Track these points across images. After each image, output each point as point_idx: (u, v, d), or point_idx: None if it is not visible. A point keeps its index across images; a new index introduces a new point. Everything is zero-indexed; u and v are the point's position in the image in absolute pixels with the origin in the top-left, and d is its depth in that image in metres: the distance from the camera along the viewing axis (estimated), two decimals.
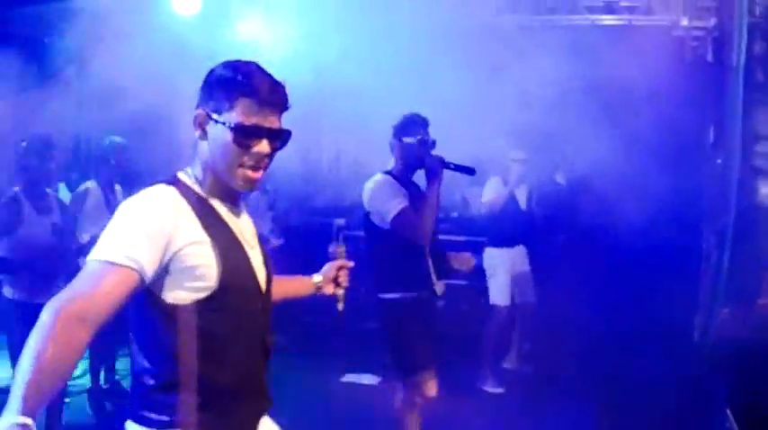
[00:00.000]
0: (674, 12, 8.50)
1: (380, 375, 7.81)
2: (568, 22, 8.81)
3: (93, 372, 6.85)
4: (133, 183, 6.68)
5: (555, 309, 7.86)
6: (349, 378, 7.75)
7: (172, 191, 2.44)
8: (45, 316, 2.15)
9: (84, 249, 5.82)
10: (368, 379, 7.78)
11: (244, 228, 2.61)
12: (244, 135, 2.41)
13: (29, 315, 5.34)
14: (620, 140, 6.90)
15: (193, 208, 2.42)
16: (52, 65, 8.12)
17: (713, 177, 7.20)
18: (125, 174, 6.75)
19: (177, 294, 2.38)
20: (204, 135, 2.47)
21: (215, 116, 2.43)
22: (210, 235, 2.41)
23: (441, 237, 9.05)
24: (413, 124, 5.03)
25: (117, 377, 7.18)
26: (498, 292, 7.76)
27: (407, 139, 4.99)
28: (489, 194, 7.75)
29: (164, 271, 2.34)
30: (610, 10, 8.73)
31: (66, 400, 6.73)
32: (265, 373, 2.69)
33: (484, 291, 8.04)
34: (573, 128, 7.58)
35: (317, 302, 2.85)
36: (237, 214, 2.61)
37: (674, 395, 5.46)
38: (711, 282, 6.79)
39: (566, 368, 7.43)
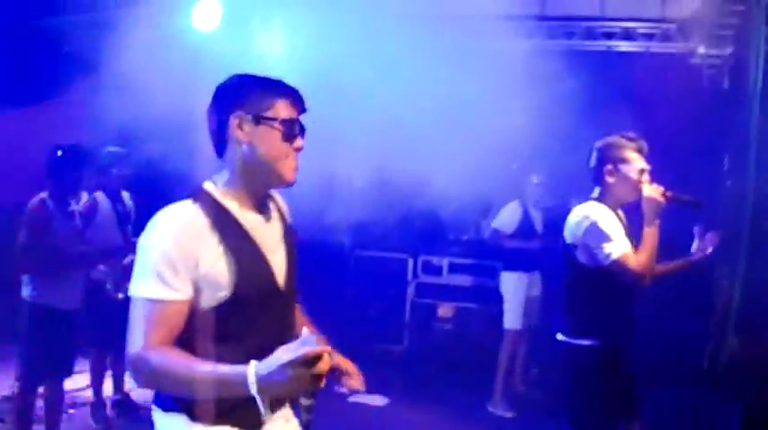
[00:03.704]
0: (691, 40, 8.48)
1: (389, 396, 7.80)
2: (584, 47, 8.80)
3: (95, 385, 6.86)
4: (138, 188, 6.91)
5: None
6: (357, 398, 7.70)
7: (192, 209, 2.57)
8: (140, 368, 2.46)
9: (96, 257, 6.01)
10: (376, 399, 7.74)
11: (267, 232, 2.73)
12: (290, 130, 2.63)
13: (43, 316, 5.46)
14: None
15: (213, 223, 2.55)
16: (71, 76, 8.18)
17: (727, 205, 7.17)
18: (129, 180, 6.84)
19: (197, 301, 2.53)
20: (241, 139, 2.60)
21: (259, 114, 2.59)
22: (228, 246, 2.54)
23: (454, 260, 9.20)
24: (626, 149, 4.47)
25: (126, 388, 7.14)
26: (513, 317, 7.73)
27: (624, 167, 4.43)
28: (503, 219, 7.76)
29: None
30: (627, 36, 8.69)
31: (71, 412, 6.75)
32: None
33: (491, 314, 8.04)
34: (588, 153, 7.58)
35: (325, 321, 2.82)
36: (262, 219, 2.73)
37: (685, 423, 5.40)
38: (722, 310, 6.75)
39: None
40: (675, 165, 7.31)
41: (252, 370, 2.30)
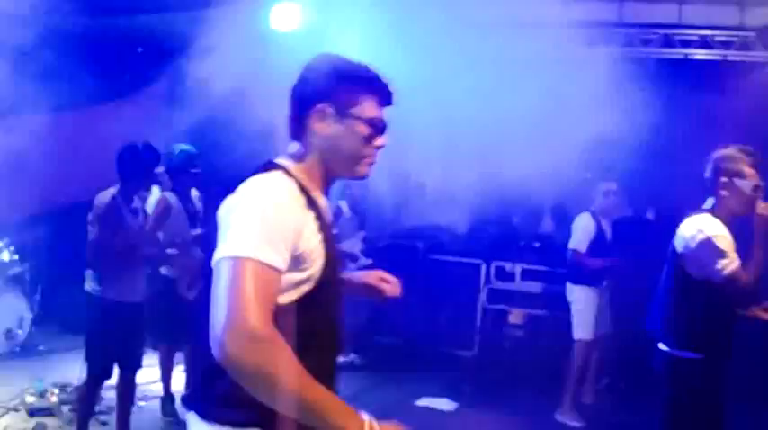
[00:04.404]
0: None
1: (457, 401, 7.83)
2: (661, 55, 8.74)
3: (165, 379, 6.98)
4: (208, 187, 6.86)
5: (634, 343, 7.78)
6: (425, 401, 7.74)
7: (289, 181, 2.41)
8: (257, 347, 2.08)
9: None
10: (444, 404, 7.78)
11: (329, 217, 2.61)
12: (374, 129, 2.52)
13: (105, 309, 5.60)
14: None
15: (308, 201, 2.41)
16: (145, 76, 8.37)
17: None
18: (200, 179, 6.85)
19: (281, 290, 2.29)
20: (320, 131, 2.50)
21: (344, 111, 2.49)
22: (320, 227, 2.42)
23: (527, 267, 9.19)
24: (742, 162, 4.39)
25: None
26: (583, 327, 7.65)
27: (740, 182, 4.35)
28: (579, 237, 7.64)
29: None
30: (704, 44, 8.62)
31: (141, 404, 6.89)
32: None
33: (563, 322, 8.00)
34: (664, 163, 7.53)
35: (396, 323, 2.86)
36: (327, 207, 2.62)
37: None
38: None
39: (646, 404, 7.34)
40: None
41: (371, 420, 2.21)
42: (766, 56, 8.41)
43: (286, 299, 2.30)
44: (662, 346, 4.50)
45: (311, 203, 2.43)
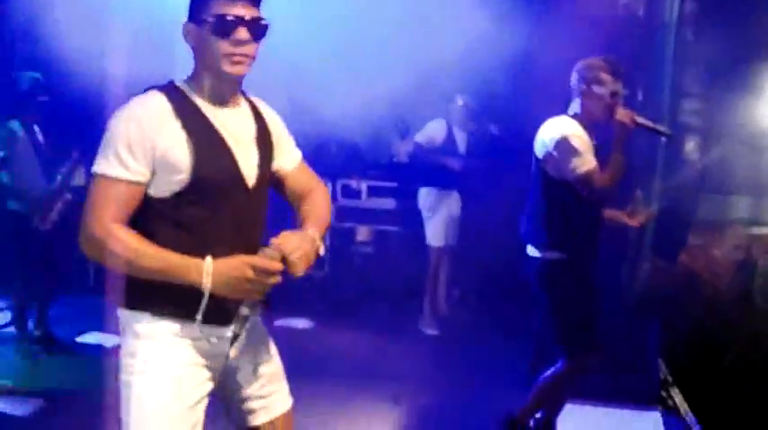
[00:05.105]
0: None
1: (313, 320, 7.97)
2: None
3: (20, 320, 6.73)
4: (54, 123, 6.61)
5: (484, 255, 8.01)
6: (282, 322, 7.81)
7: (158, 96, 2.69)
8: (102, 241, 2.56)
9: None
10: (302, 323, 7.92)
11: (234, 126, 2.80)
12: (222, 24, 2.63)
13: None
14: (551, 98, 7.02)
15: (177, 109, 2.67)
16: None
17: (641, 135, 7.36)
18: (46, 113, 6.55)
19: (157, 187, 2.65)
20: (191, 45, 2.74)
21: (198, 19, 2.67)
22: (189, 131, 2.65)
23: (373, 183, 9.28)
24: (601, 70, 4.57)
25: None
26: (434, 233, 7.91)
27: (598, 89, 4.53)
28: (428, 134, 7.84)
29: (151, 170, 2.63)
30: None
31: None
32: None
33: (412, 237, 8.19)
34: (506, 81, 7.70)
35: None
36: (229, 114, 2.81)
37: (606, 345, 5.63)
38: (636, 237, 6.99)
39: (496, 315, 7.62)
40: None
41: (209, 261, 2.55)
42: None
43: (161, 194, 2.66)
44: (530, 250, 4.69)
45: (188, 110, 2.70)
